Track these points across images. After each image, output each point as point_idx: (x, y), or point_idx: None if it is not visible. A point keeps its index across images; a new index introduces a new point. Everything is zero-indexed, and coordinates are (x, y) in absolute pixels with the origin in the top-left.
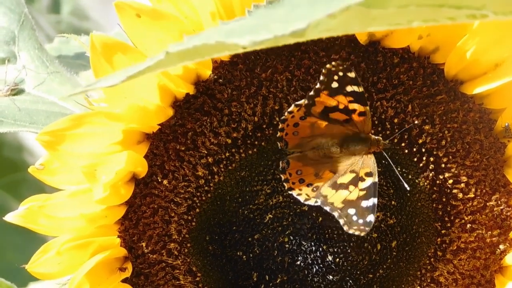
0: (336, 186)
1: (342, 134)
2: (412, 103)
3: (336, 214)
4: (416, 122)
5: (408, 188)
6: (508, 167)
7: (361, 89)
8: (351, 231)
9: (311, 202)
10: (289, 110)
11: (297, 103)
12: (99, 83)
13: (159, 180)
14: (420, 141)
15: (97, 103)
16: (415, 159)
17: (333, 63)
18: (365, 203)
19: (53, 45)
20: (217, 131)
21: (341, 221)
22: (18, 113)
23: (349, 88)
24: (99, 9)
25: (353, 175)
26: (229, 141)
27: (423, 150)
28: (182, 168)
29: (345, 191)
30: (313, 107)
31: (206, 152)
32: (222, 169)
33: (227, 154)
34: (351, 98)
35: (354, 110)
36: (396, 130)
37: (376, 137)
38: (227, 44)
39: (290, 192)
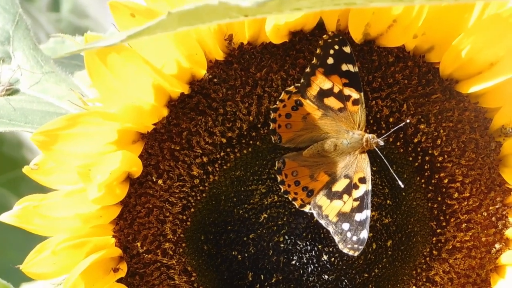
0: (331, 195)
1: (336, 129)
2: (407, 102)
3: (331, 229)
4: (408, 121)
5: (402, 186)
6: (504, 166)
7: (356, 69)
8: (345, 250)
9: (306, 209)
10: (280, 98)
11: (287, 89)
12: (100, 43)
13: (154, 179)
14: (416, 140)
15: (92, 102)
16: (411, 158)
17: (329, 33)
18: (358, 216)
19: (48, 45)
20: (212, 130)
21: (336, 238)
22: (13, 113)
23: (344, 67)
24: (99, 7)
25: (347, 181)
26: (224, 140)
27: (419, 149)
28: (177, 167)
29: (339, 201)
30: (308, 88)
31: (201, 151)
32: (217, 169)
33: (222, 153)
34: (346, 80)
35: (349, 97)
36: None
37: (370, 135)
38: (229, 6)
39: (286, 196)
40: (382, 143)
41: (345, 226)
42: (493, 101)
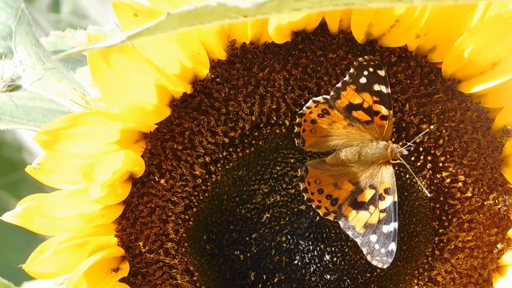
0: (357, 206)
1: (360, 138)
2: (409, 102)
3: (358, 241)
4: (432, 127)
5: (429, 195)
6: (506, 166)
7: (388, 90)
8: (374, 262)
9: (331, 217)
10: (307, 105)
11: (315, 99)
12: (99, 44)
13: (157, 179)
14: (418, 140)
15: (94, 102)
16: (413, 158)
17: (366, 57)
18: (386, 228)
19: (49, 40)
20: (215, 130)
21: (364, 250)
22: (16, 110)
23: (376, 87)
24: (98, 9)
25: (373, 191)
26: (227, 140)
27: (421, 149)
28: (180, 167)
29: (366, 212)
30: (337, 100)
31: (203, 151)
32: (220, 168)
33: (224, 153)
34: (376, 98)
35: (377, 112)
36: (394, 129)
37: (395, 145)
38: (229, 7)
39: (309, 204)
40: (406, 152)
41: (373, 238)
42: (495, 101)
